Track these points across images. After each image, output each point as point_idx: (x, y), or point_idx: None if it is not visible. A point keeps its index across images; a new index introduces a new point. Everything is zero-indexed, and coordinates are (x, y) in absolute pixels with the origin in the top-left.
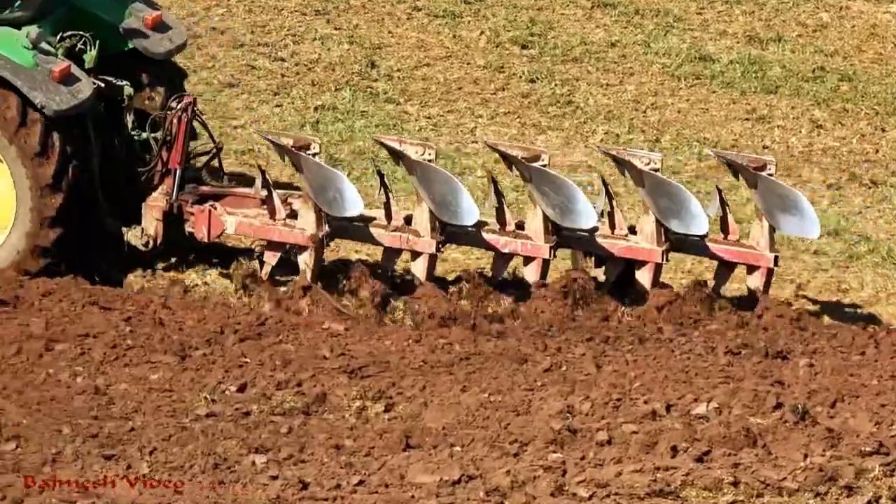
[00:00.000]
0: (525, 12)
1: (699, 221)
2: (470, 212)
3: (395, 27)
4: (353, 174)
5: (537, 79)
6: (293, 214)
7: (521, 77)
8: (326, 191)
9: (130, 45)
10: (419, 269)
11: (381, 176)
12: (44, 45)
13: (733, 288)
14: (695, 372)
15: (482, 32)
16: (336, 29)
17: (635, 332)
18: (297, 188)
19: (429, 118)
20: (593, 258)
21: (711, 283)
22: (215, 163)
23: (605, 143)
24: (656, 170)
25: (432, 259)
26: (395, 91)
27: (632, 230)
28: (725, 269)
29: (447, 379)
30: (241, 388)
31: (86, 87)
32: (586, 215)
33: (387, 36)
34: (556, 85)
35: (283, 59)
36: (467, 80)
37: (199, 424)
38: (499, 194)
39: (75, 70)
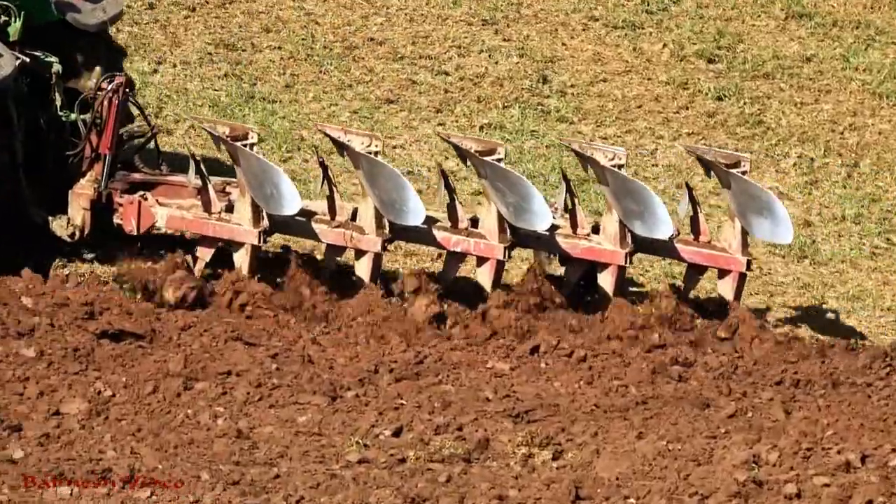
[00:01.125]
0: (712, 23)
1: (663, 225)
2: (416, 211)
3: (570, 39)
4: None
5: (724, 96)
6: (231, 207)
7: (706, 94)
8: (263, 186)
9: (59, 16)
10: (363, 268)
11: (325, 168)
12: None
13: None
14: (894, 420)
15: (665, 45)
16: (505, 40)
17: (828, 376)
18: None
19: (605, 139)
20: (558, 256)
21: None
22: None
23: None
24: (620, 166)
25: (377, 258)
26: (568, 109)
27: (595, 230)
28: (695, 272)
29: (621, 424)
30: (397, 433)
31: (6, 62)
32: (541, 216)
33: (560, 48)
34: (745, 103)
35: (446, 73)
36: (647, 97)
37: (351, 471)
38: (450, 189)
39: None
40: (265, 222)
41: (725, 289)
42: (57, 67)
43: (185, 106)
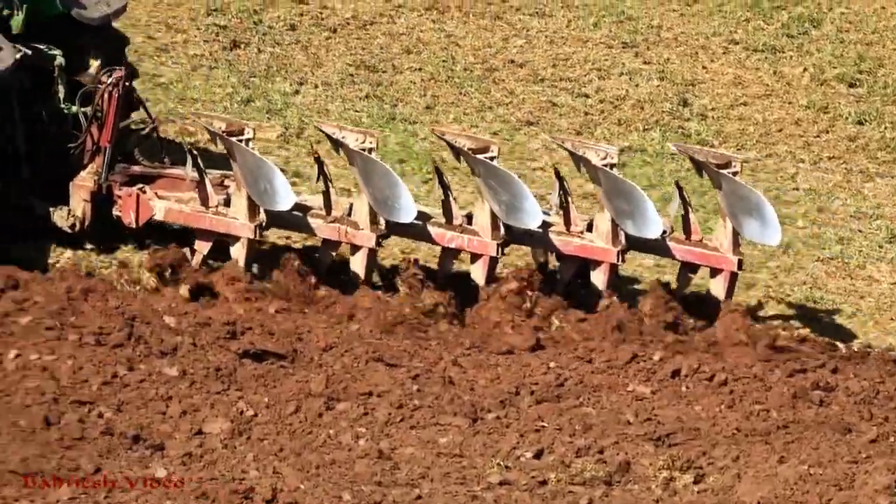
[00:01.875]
0: (852, 47)
1: (652, 225)
2: (407, 209)
3: (710, 62)
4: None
5: (865, 121)
6: (229, 201)
7: (847, 118)
8: (258, 181)
9: (63, 10)
10: (358, 264)
11: (321, 164)
12: None
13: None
14: None
15: (805, 69)
16: (645, 63)
17: None
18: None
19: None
20: (555, 253)
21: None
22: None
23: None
24: (612, 165)
25: (372, 253)
26: (708, 132)
27: (591, 227)
28: (687, 271)
29: (763, 448)
30: (538, 455)
31: (6, 56)
32: (532, 214)
33: (700, 71)
34: (886, 128)
35: (586, 96)
36: (788, 120)
37: (492, 493)
38: (445, 187)
39: None
40: (262, 217)
41: (717, 288)
42: (60, 60)
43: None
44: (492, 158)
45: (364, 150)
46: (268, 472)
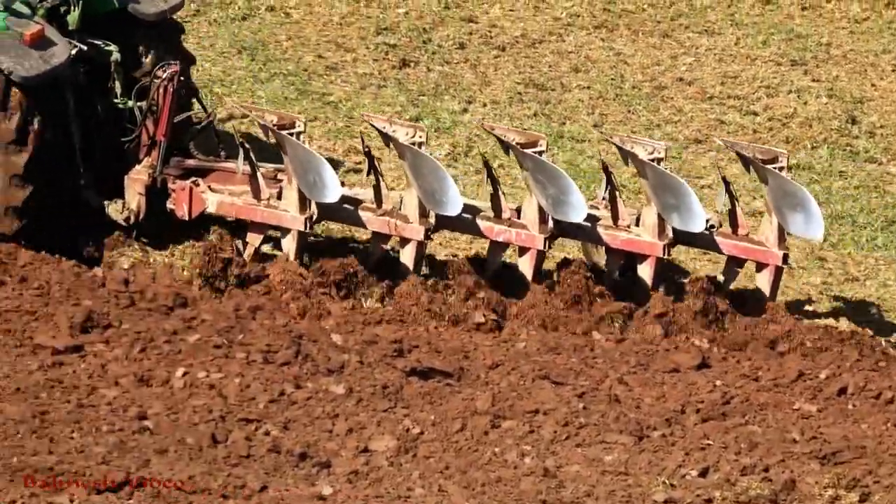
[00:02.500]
0: None
1: (696, 219)
2: (454, 202)
3: (879, 79)
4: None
5: None
6: (282, 194)
7: None
8: (307, 174)
9: (119, 6)
10: (407, 256)
11: (371, 158)
12: (17, 7)
13: None
14: None
15: None
16: (814, 81)
17: None
18: None
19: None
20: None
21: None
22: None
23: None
24: (660, 159)
25: (421, 246)
26: (877, 149)
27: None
28: (734, 265)
29: None
30: (703, 473)
31: (61, 51)
32: (577, 208)
33: (869, 89)
34: None
35: (755, 113)
36: None
37: None
38: (494, 180)
39: (50, 33)
40: (313, 209)
41: (763, 282)
42: (116, 56)
43: (494, 146)
44: (540, 153)
45: (413, 144)
46: (433, 490)
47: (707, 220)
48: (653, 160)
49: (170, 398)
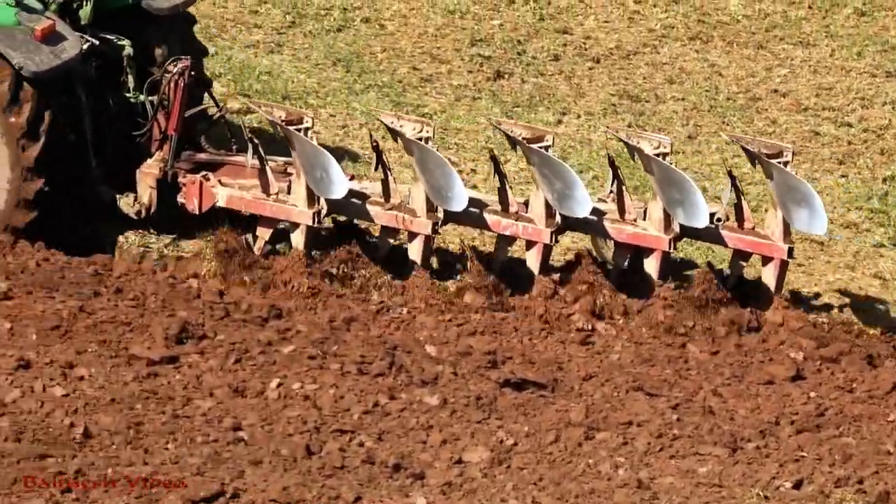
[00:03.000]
0: None
1: (700, 214)
2: (459, 197)
3: None
4: None
5: None
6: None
7: None
8: (314, 169)
9: (132, 1)
10: (415, 251)
11: (379, 153)
12: (29, 2)
13: None
14: None
15: None
16: None
17: None
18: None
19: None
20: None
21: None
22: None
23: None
24: (665, 154)
25: (428, 240)
26: None
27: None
28: (740, 258)
29: None
30: (797, 485)
31: (72, 46)
32: (582, 203)
33: None
34: None
35: (849, 125)
36: None
37: None
38: (501, 175)
39: (61, 28)
40: (322, 204)
41: (768, 276)
42: (128, 51)
43: (588, 156)
44: (546, 148)
45: (420, 139)
46: (527, 501)
47: (714, 214)
48: (658, 155)
49: (264, 409)
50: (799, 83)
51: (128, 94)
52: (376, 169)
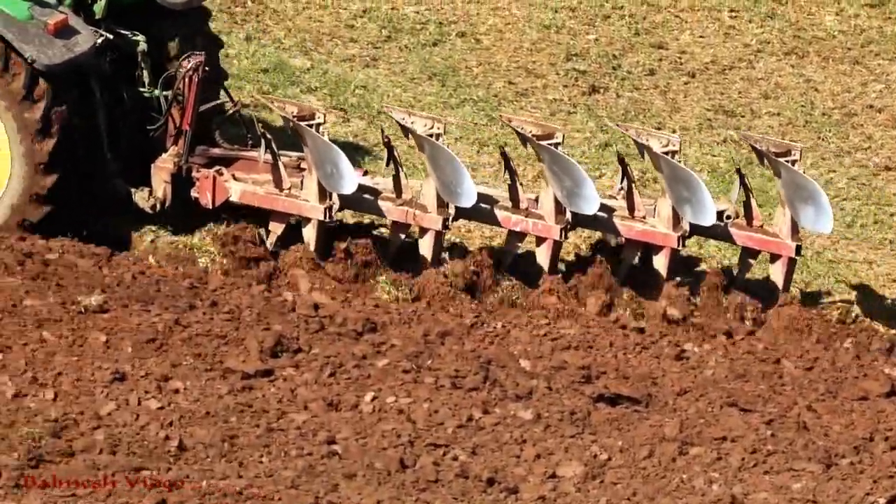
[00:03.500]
0: None
1: (707, 212)
2: (468, 194)
3: None
4: None
5: None
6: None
7: None
8: (324, 164)
9: None
10: (425, 246)
11: (390, 148)
12: None
13: None
14: None
15: None
16: None
17: None
18: None
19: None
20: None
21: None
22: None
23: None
24: (675, 152)
25: (439, 236)
26: None
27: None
28: (748, 256)
29: None
30: (892, 501)
31: (85, 40)
32: (589, 201)
33: None
34: None
35: None
36: None
37: None
38: (511, 171)
39: (75, 22)
40: (333, 199)
41: (776, 274)
42: (143, 46)
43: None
44: (556, 145)
45: (431, 135)
46: None
47: (723, 212)
48: (667, 153)
49: (358, 423)
50: (895, 98)
51: (142, 89)
52: (388, 164)
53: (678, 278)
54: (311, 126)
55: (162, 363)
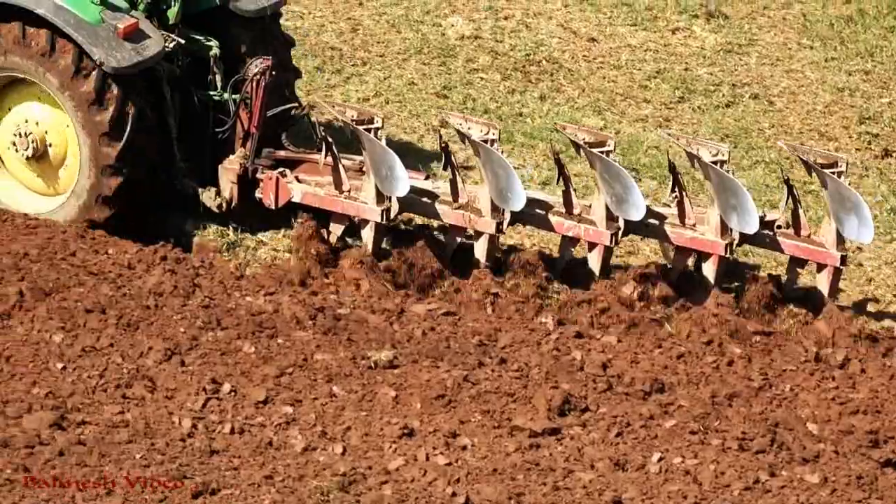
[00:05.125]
0: None
1: (751, 221)
2: (517, 198)
3: None
4: None
5: None
6: None
7: None
8: (381, 167)
9: (219, 3)
10: (480, 249)
11: (448, 154)
12: (114, 1)
13: None
14: None
15: None
16: None
17: None
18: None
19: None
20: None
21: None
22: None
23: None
24: (723, 162)
25: (493, 240)
26: None
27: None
28: (796, 265)
29: None
30: None
31: (154, 44)
32: (636, 207)
33: None
34: None
35: None
36: None
37: None
38: (565, 178)
39: (145, 26)
40: (392, 201)
41: (822, 283)
42: (215, 51)
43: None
44: (607, 153)
45: (486, 141)
46: None
47: (774, 221)
48: (715, 162)
49: (645, 483)
50: None
51: (213, 93)
52: (445, 169)
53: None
54: (368, 130)
55: (450, 419)
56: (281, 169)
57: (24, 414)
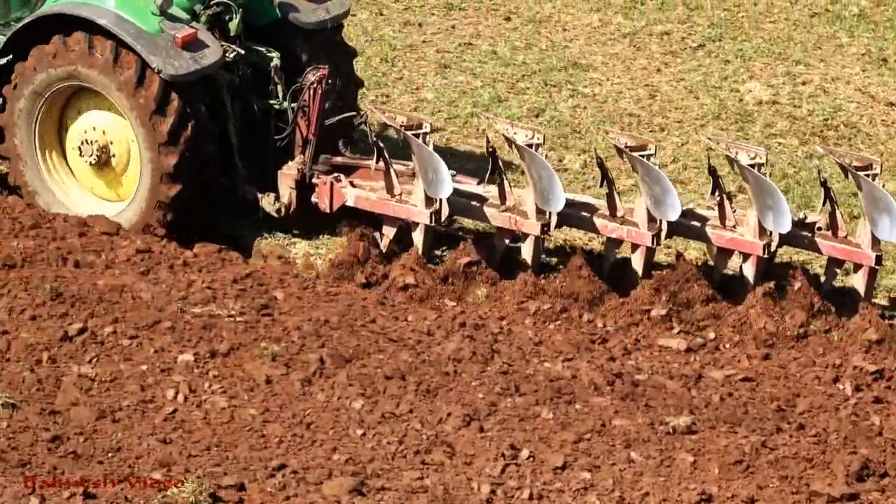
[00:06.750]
0: None
1: (785, 221)
2: (557, 200)
3: None
4: None
5: None
6: None
7: None
8: (427, 171)
9: (280, 16)
10: (526, 251)
11: (495, 158)
12: (174, 12)
13: None
14: None
15: None
16: None
17: None
18: None
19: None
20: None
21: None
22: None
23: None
24: (761, 164)
25: (538, 241)
26: None
27: None
28: (834, 265)
29: None
30: None
31: (212, 53)
32: (672, 209)
33: None
34: None
35: None
36: None
37: None
38: (609, 181)
39: (204, 36)
40: (442, 204)
41: (858, 283)
42: (276, 61)
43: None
44: (648, 156)
45: (531, 145)
46: None
47: (814, 223)
48: (753, 165)
49: None
50: None
51: (272, 101)
52: (492, 173)
53: None
54: (417, 136)
55: (748, 485)
56: (335, 174)
57: (325, 480)
